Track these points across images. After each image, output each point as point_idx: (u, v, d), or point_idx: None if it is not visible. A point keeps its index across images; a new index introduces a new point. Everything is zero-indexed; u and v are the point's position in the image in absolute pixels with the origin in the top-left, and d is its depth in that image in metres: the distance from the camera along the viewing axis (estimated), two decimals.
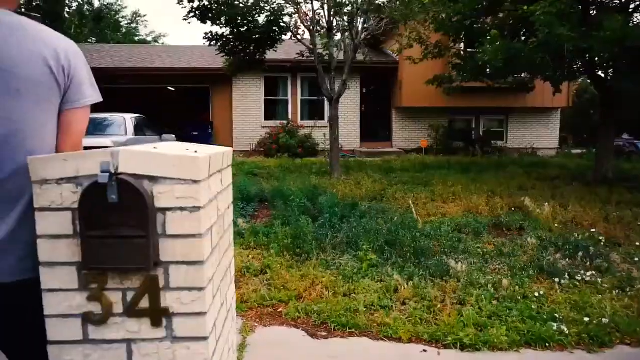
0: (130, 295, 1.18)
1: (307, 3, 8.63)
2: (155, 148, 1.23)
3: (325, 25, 8.70)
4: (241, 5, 8.63)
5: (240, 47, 9.11)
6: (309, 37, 9.08)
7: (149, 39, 36.16)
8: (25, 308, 1.21)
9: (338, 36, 8.96)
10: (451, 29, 9.66)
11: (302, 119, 15.17)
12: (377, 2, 8.15)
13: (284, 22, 8.86)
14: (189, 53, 16.53)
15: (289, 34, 9.13)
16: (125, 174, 1.12)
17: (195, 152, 1.24)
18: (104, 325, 1.17)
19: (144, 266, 1.15)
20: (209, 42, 9.47)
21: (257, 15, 8.76)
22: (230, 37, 8.99)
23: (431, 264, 3.94)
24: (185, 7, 8.69)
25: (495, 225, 5.45)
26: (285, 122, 14.47)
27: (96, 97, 1.32)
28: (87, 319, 1.18)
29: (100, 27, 32.49)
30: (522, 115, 15.89)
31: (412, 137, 15.54)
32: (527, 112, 15.76)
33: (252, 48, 9.15)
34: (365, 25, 8.32)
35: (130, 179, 1.12)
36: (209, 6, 8.59)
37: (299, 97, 15.32)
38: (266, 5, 8.56)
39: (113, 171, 1.12)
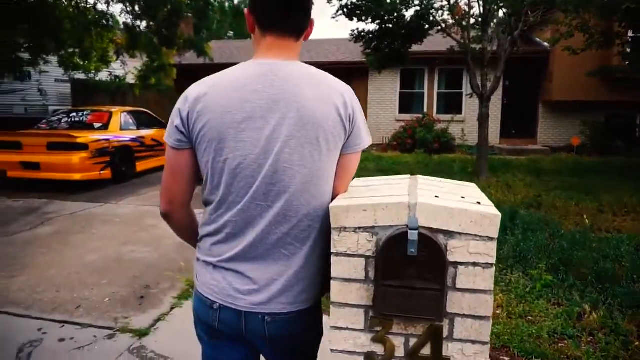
0: (412, 341, 1.21)
1: None
2: (436, 197, 1.24)
3: (479, 18, 8.24)
4: (388, 1, 8.54)
5: (385, 43, 9.06)
6: (458, 30, 8.69)
7: None
8: (299, 335, 1.32)
9: (491, 29, 8.41)
10: (625, 13, 8.50)
11: (437, 112, 14.71)
12: None
13: (433, 17, 8.58)
14: (326, 46, 16.95)
15: (437, 28, 8.81)
16: (422, 227, 1.14)
17: (479, 203, 1.22)
18: None
19: (435, 318, 1.16)
20: (355, 40, 9.57)
21: (404, 10, 8.62)
22: (376, 33, 8.97)
23: (620, 292, 3.55)
24: (334, 6, 8.90)
25: None
26: (420, 115, 14.16)
27: (369, 140, 1.37)
28: (370, 358, 1.23)
29: (238, 22, 34.86)
30: None
31: (560, 134, 14.17)
32: None
33: (396, 44, 9.04)
34: (529, 17, 7.68)
35: (429, 234, 1.13)
36: (358, 3, 8.66)
37: (436, 90, 14.85)
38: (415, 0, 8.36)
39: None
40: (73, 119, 8.99)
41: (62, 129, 8.57)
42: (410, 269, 1.15)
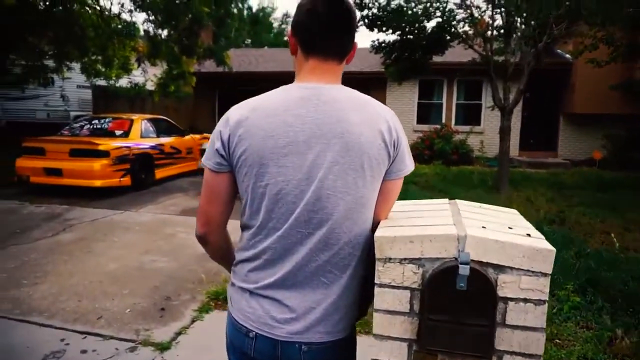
0: None
1: (484, 9, 8.20)
2: (483, 227, 1.20)
3: (501, 29, 8.16)
4: (410, 12, 8.52)
5: (406, 54, 9.02)
6: (480, 42, 8.61)
7: None
8: None
9: (514, 41, 8.32)
10: None
11: (456, 123, 14.59)
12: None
13: (455, 28, 8.52)
14: None
15: (458, 39, 8.75)
16: (472, 260, 1.10)
17: (529, 235, 1.18)
18: None
19: (483, 355, 1.11)
20: (375, 51, 9.56)
21: (425, 22, 8.58)
22: (397, 44, 8.95)
23: None
24: None
25: None
26: (439, 126, 14.05)
27: (412, 165, 1.33)
28: None
29: (256, 30, 35.20)
30: None
31: (582, 147, 13.92)
32: None
33: (417, 54, 9.00)
34: (553, 29, 7.58)
35: (478, 267, 1.09)
36: (379, 14, 8.65)
37: (454, 101, 14.74)
38: (437, 11, 8.31)
39: (458, 257, 1.10)
40: (95, 126, 9.11)
41: (84, 136, 8.69)
42: (458, 304, 1.11)
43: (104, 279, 4.20)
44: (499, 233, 1.15)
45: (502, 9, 7.92)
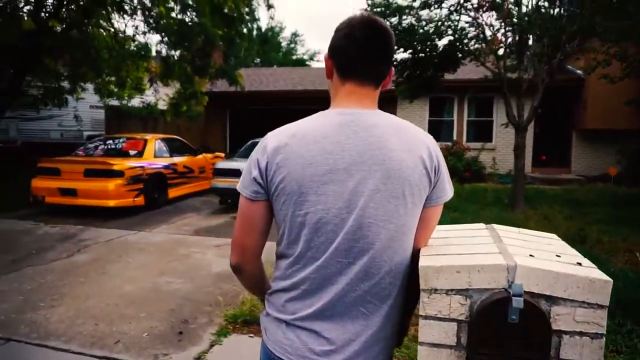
0: None
1: (497, 27, 8.21)
2: (531, 255, 1.15)
3: (513, 47, 8.16)
4: (421, 31, 8.55)
5: (418, 72, 9.03)
6: (493, 59, 8.60)
7: (306, 57, 38.47)
8: None
9: (527, 58, 8.30)
10: None
11: (467, 140, 14.53)
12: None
13: (467, 46, 8.53)
14: None
15: (470, 57, 8.75)
16: (524, 292, 1.05)
17: (580, 264, 1.13)
18: None
19: None
20: None
21: (437, 40, 8.60)
22: (409, 62, 8.97)
23: None
24: None
25: None
26: (450, 143, 14.00)
27: (452, 192, 1.30)
28: None
29: (264, 49, 35.59)
30: None
31: (595, 163, 13.77)
32: None
33: (429, 72, 9.01)
34: (566, 47, 7.56)
35: (530, 299, 1.04)
36: None
37: (465, 118, 14.71)
38: (448, 29, 8.34)
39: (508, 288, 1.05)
40: (109, 146, 9.19)
41: (99, 156, 8.76)
42: (509, 337, 1.06)
43: (120, 301, 4.17)
44: (549, 262, 1.11)
45: (515, 27, 7.91)
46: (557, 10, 8.29)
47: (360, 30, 1.21)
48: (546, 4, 8.38)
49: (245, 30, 12.56)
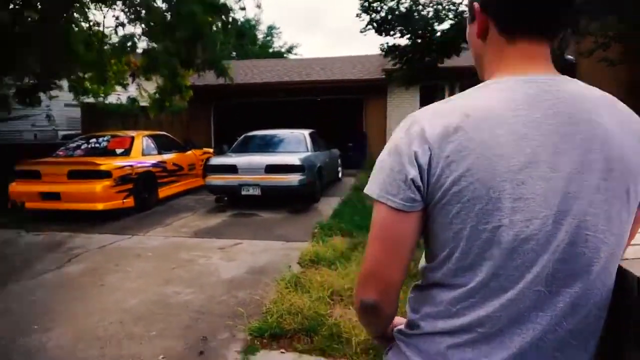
0: None
1: None
2: None
3: None
4: (419, 15, 8.22)
5: (418, 56, 8.71)
6: None
7: (283, 50, 37.79)
8: None
9: None
10: None
11: None
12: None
13: None
14: (339, 64, 16.67)
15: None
16: None
17: None
18: None
19: None
20: (385, 54, 9.25)
21: (436, 24, 8.28)
22: (408, 48, 8.64)
23: None
24: (363, 20, 8.60)
25: None
26: None
27: None
28: None
29: (242, 42, 34.78)
30: None
31: None
32: None
33: (431, 57, 8.70)
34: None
35: None
36: (387, 18, 8.34)
37: None
38: (449, 13, 8.02)
39: None
40: (92, 145, 8.59)
41: (82, 156, 8.16)
42: None
43: (125, 317, 3.71)
44: None
45: None
46: None
47: None
48: None
49: (229, 20, 11.99)
